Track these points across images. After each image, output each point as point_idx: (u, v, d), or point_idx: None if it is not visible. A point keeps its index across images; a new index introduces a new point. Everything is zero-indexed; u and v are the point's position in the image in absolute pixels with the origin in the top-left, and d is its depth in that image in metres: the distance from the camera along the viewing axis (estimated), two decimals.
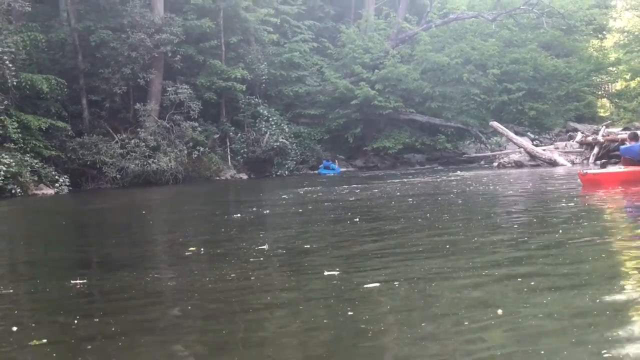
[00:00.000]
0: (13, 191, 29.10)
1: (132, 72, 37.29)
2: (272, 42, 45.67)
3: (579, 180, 17.89)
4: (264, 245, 9.20)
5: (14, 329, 5.33)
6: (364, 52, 48.40)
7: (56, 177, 32.61)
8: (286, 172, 42.99)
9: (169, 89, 39.05)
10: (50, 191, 31.50)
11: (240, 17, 42.65)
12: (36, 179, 31.34)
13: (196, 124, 39.30)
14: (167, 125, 38.42)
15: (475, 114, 46.97)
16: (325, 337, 4.82)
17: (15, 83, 31.64)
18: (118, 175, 36.13)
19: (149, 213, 18.47)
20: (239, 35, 43.32)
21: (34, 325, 5.57)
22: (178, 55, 39.45)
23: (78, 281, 7.27)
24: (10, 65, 31.14)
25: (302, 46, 48.20)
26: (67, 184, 32.90)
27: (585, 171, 18.06)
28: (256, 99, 43.89)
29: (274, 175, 42.10)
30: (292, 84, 46.93)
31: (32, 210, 23.01)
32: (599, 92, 59.91)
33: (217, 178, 39.92)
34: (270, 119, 43.52)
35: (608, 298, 5.33)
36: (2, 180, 28.57)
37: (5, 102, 31.46)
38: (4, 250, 11.68)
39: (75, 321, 5.50)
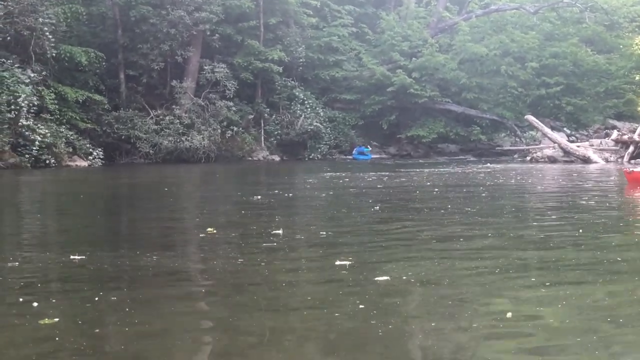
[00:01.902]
0: (47, 161, 29.48)
1: (170, 48, 37.47)
2: (311, 26, 45.53)
3: (612, 177, 17.87)
4: (278, 230, 9.20)
5: (35, 304, 5.35)
6: (403, 39, 48.11)
7: (90, 149, 32.93)
8: (319, 155, 43.01)
9: (205, 67, 39.20)
10: (83, 163, 31.84)
11: None
12: (70, 150, 31.66)
13: (231, 104, 39.39)
14: (202, 104, 38.58)
15: (512, 107, 46.54)
16: (332, 333, 4.79)
17: (54, 54, 31.99)
18: (151, 151, 36.42)
19: (175, 191, 18.61)
20: (278, 17, 43.28)
21: (54, 301, 5.59)
22: (216, 34, 39.56)
23: (77, 257, 7.32)
24: (50, 36, 31.46)
25: (341, 31, 47.97)
26: (101, 157, 33.22)
27: (631, 169, 18.19)
28: (292, 82, 43.86)
29: (306, 159, 42.13)
30: (329, 68, 46.77)
31: (62, 181, 23.29)
32: None
33: (250, 158, 40.06)
34: (306, 102, 43.52)
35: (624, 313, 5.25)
36: (36, 150, 28.96)
37: (44, 73, 31.79)
38: (28, 221, 11.89)
39: (96, 298, 5.54)
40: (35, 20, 30.86)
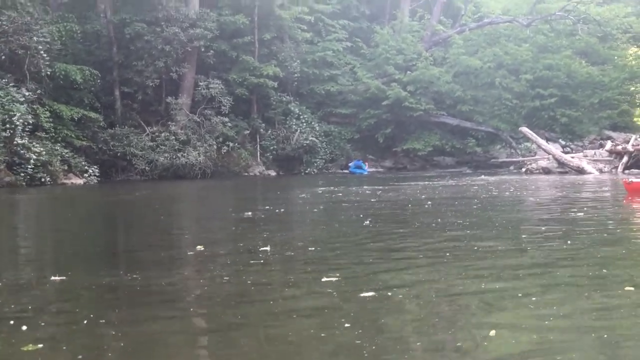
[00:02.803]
0: (42, 179, 29.55)
1: (165, 65, 37.64)
2: (305, 40, 45.72)
3: (606, 188, 17.90)
4: (266, 246, 9.22)
5: (24, 328, 5.30)
6: (397, 53, 48.36)
7: (86, 167, 32.99)
8: (315, 170, 43.10)
9: (201, 83, 39.36)
10: (79, 181, 31.89)
11: (275, 14, 42.80)
12: (66, 168, 31.73)
13: (227, 119, 39.54)
14: (198, 120, 38.71)
15: (507, 119, 46.65)
16: (317, 353, 4.78)
17: (49, 73, 32.10)
18: (147, 168, 36.49)
19: (167, 207, 18.65)
20: (273, 33, 43.49)
21: (43, 324, 5.53)
22: (211, 50, 39.74)
23: (57, 277, 7.32)
24: (45, 55, 31.59)
25: (336, 45, 48.18)
26: (97, 174, 33.29)
27: (630, 180, 18.26)
28: (288, 97, 44.04)
29: (303, 173, 42.17)
30: (324, 82, 46.97)
31: (57, 199, 23.29)
32: (636, 101, 58.93)
33: (246, 174, 40.11)
34: (301, 117, 43.67)
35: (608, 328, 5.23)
36: (32, 168, 29.02)
37: (39, 92, 31.86)
38: (17, 240, 11.92)
39: (85, 321, 5.51)
40: (29, 39, 30.99)
